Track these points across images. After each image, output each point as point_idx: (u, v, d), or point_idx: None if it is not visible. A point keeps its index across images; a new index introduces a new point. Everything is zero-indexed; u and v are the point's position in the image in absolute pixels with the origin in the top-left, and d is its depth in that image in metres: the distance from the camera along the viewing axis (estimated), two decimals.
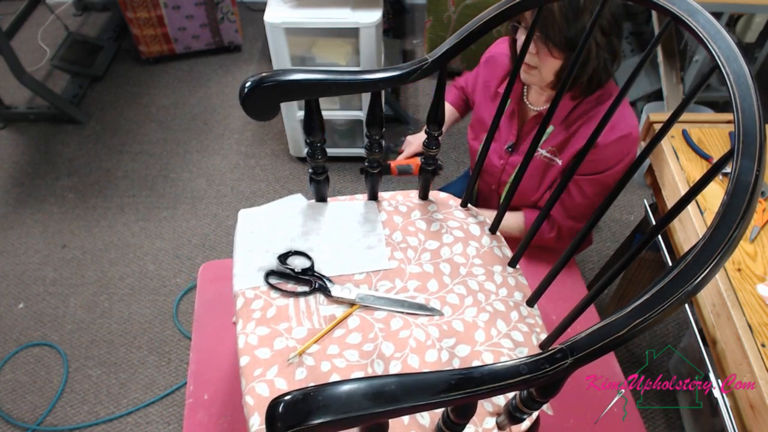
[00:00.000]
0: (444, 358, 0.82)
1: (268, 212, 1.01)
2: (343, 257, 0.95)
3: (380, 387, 0.47)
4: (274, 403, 0.45)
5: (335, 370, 0.81)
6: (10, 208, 2.22)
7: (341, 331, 0.86)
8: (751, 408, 0.84)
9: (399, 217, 1.01)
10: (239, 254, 0.94)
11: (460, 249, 0.97)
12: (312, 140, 0.93)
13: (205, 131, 2.51)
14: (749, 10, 1.86)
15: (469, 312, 0.88)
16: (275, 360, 0.81)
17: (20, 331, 1.86)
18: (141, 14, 2.60)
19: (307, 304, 0.89)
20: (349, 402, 0.45)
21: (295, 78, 0.81)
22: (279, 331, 0.85)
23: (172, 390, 1.71)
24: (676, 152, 1.14)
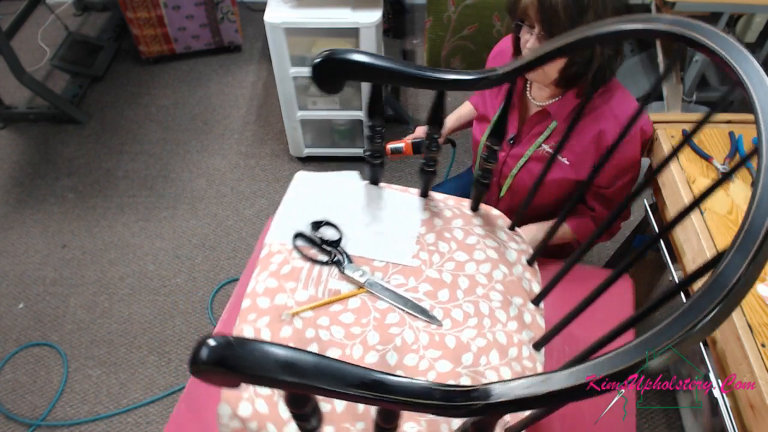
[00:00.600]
0: (422, 366, 0.82)
1: (321, 180, 1.05)
2: (370, 241, 0.96)
3: (296, 359, 0.49)
4: (202, 341, 0.49)
5: (316, 340, 0.83)
6: (10, 208, 2.22)
7: (339, 307, 0.88)
8: (751, 408, 0.83)
9: (440, 220, 1.00)
10: (281, 211, 1.00)
11: (486, 269, 0.94)
12: (372, 124, 0.95)
13: (205, 131, 2.51)
14: (749, 10, 1.86)
15: (468, 333, 0.85)
16: (270, 312, 0.86)
17: (20, 331, 1.86)
18: (141, 14, 2.60)
19: (320, 273, 0.92)
20: (261, 363, 0.48)
21: (363, 60, 0.82)
22: (284, 288, 0.89)
23: (173, 390, 1.71)
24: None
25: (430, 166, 1.00)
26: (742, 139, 1.15)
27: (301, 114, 2.16)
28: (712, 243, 0.99)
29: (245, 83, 2.73)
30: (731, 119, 1.22)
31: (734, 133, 1.17)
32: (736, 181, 1.09)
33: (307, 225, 0.97)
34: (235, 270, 2.00)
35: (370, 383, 0.50)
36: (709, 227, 1.01)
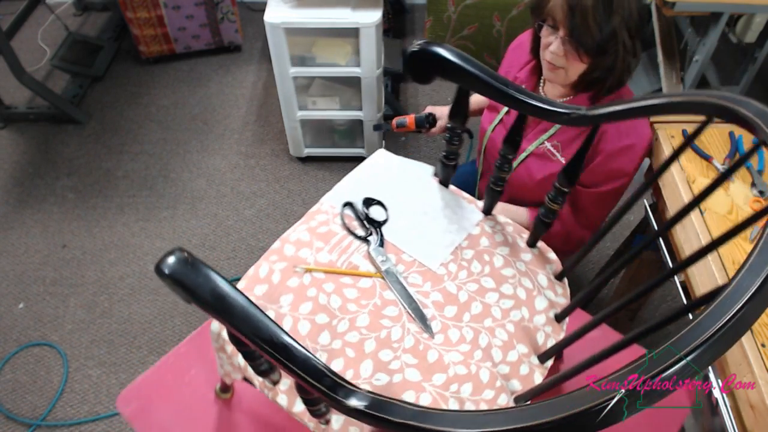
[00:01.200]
0: (393, 366, 0.82)
1: (395, 163, 1.07)
2: (410, 235, 0.97)
3: (228, 296, 0.57)
4: (169, 252, 0.57)
5: (313, 301, 0.88)
6: (10, 208, 2.22)
7: (350, 281, 0.91)
8: (751, 408, 0.84)
9: (487, 241, 0.97)
10: (348, 178, 1.05)
11: (506, 305, 0.89)
12: (452, 126, 0.95)
13: (205, 131, 2.51)
14: (749, 10, 1.86)
15: (453, 356, 0.83)
16: (289, 260, 0.92)
17: (20, 331, 1.86)
18: (141, 14, 2.60)
19: (349, 244, 0.95)
20: (200, 286, 0.57)
21: (454, 60, 0.83)
22: (312, 245, 0.95)
23: None
24: None
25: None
26: (742, 139, 1.15)
27: (301, 114, 2.16)
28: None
29: (245, 83, 2.73)
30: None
31: (734, 133, 1.17)
32: (736, 181, 1.09)
33: (360, 198, 1.00)
34: (235, 270, 2.00)
35: (277, 344, 0.56)
36: (709, 227, 1.01)
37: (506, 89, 0.81)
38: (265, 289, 0.90)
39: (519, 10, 2.32)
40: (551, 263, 0.97)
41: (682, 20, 2.48)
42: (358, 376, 0.82)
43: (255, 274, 0.92)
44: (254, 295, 0.90)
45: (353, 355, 0.84)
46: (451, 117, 0.94)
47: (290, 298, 0.89)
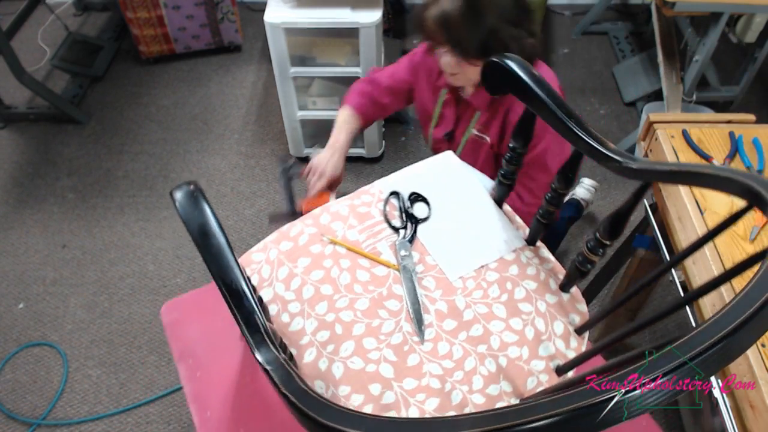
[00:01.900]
0: (373, 356, 0.84)
1: (458, 169, 1.06)
2: (442, 239, 0.96)
3: (210, 233, 0.64)
4: (190, 183, 0.66)
5: (326, 271, 0.92)
6: (10, 208, 2.22)
7: (366, 265, 0.93)
8: (751, 408, 0.84)
9: (517, 270, 0.93)
10: (407, 169, 1.06)
11: (509, 339, 0.86)
12: (514, 146, 0.92)
13: (205, 131, 2.51)
14: (749, 10, 1.86)
15: (432, 367, 0.83)
16: (321, 228, 0.97)
17: (20, 331, 1.86)
18: (141, 14, 2.60)
19: (381, 231, 0.97)
20: (191, 217, 0.64)
21: (525, 80, 0.80)
22: (346, 221, 0.99)
23: (172, 390, 1.71)
24: (676, 152, 1.14)
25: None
26: (742, 139, 1.15)
27: (301, 114, 2.16)
28: (713, 243, 0.99)
29: (245, 83, 2.73)
30: (731, 119, 1.22)
31: (734, 133, 1.17)
32: None
33: (407, 192, 1.01)
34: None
35: (233, 289, 0.63)
36: (709, 227, 1.01)
37: (568, 121, 0.78)
38: (290, 247, 0.96)
39: None
40: (578, 314, 0.90)
41: (682, 20, 2.48)
42: (337, 353, 0.85)
43: (287, 231, 0.98)
44: (278, 249, 0.96)
45: (340, 332, 0.87)
46: (514, 136, 0.91)
47: (306, 262, 0.94)
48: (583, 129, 0.77)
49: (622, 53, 2.76)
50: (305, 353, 0.87)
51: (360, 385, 0.83)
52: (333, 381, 0.84)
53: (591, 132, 0.77)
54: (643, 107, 2.34)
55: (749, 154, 1.12)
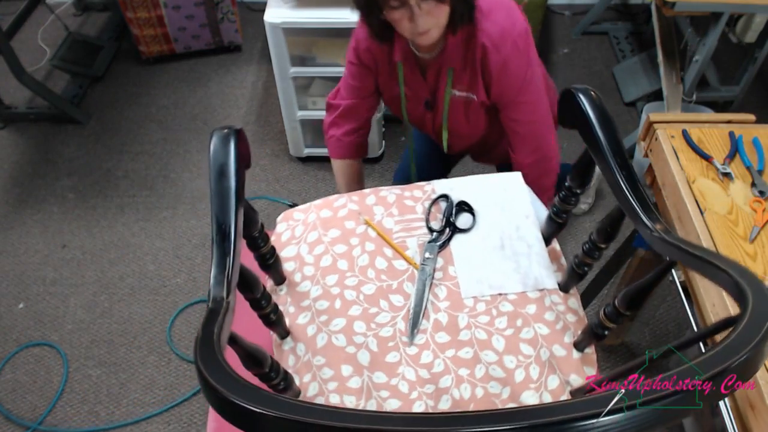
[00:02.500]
0: (358, 340, 0.87)
1: (519, 193, 1.04)
2: (471, 255, 0.95)
3: (223, 191, 0.70)
4: (229, 127, 0.72)
5: (349, 248, 0.96)
6: (10, 208, 2.22)
7: (389, 255, 0.95)
8: (751, 408, 0.83)
9: (535, 310, 0.90)
10: (470, 178, 1.06)
11: (495, 374, 0.83)
12: (570, 185, 0.89)
13: (205, 131, 2.51)
14: (749, 10, 1.86)
15: (408, 372, 0.84)
16: (362, 207, 1.02)
17: (20, 331, 1.86)
18: (141, 14, 2.60)
19: (416, 228, 0.98)
20: (218, 163, 0.71)
21: (592, 122, 0.76)
22: (388, 209, 1.01)
23: (173, 390, 1.71)
24: (676, 152, 1.14)
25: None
26: (742, 139, 1.15)
27: (301, 114, 2.16)
28: (713, 243, 0.99)
29: (245, 83, 2.73)
30: (731, 119, 1.22)
31: (734, 133, 1.17)
32: (736, 181, 1.09)
33: (459, 199, 1.00)
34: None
35: (224, 232, 0.68)
36: (709, 227, 1.01)
37: (618, 173, 0.73)
38: (328, 215, 1.01)
39: None
40: (580, 376, 0.85)
41: (682, 20, 2.48)
42: (327, 325, 0.89)
43: (332, 200, 1.03)
44: (317, 215, 1.01)
45: (338, 306, 0.90)
46: (571, 178, 0.87)
47: (336, 234, 0.98)
48: (632, 185, 0.73)
49: (622, 53, 2.76)
50: (301, 315, 0.91)
51: (334, 361, 0.85)
52: (313, 349, 0.88)
53: (638, 190, 0.73)
54: (643, 107, 2.34)
55: (749, 154, 1.12)
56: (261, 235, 0.86)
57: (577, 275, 0.89)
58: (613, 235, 0.83)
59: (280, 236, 1.02)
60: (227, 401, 0.47)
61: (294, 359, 0.88)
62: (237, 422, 0.47)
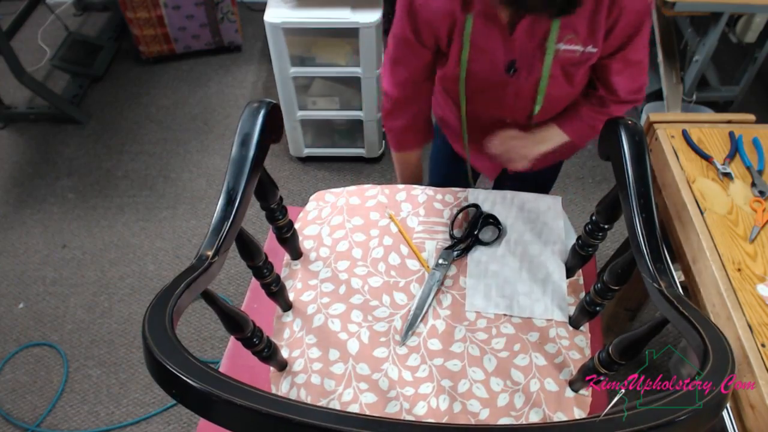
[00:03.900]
0: (351, 329, 0.89)
1: (553, 218, 1.02)
2: (486, 270, 0.92)
3: (245, 148, 0.76)
4: (263, 100, 0.77)
5: (367, 238, 0.98)
6: (10, 208, 2.22)
7: (404, 253, 0.96)
8: (751, 408, 0.83)
9: (537, 339, 0.87)
10: (510, 192, 1.06)
11: (477, 393, 0.82)
12: (597, 220, 0.84)
13: (205, 131, 2.51)
14: (749, 10, 1.86)
15: (392, 371, 0.85)
16: (392, 202, 1.03)
17: (20, 331, 1.85)
18: (141, 14, 2.60)
19: (438, 231, 0.98)
20: (244, 131, 0.78)
21: (625, 159, 0.73)
22: (416, 208, 1.02)
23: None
24: (676, 152, 1.14)
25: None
26: (742, 139, 1.15)
27: (301, 114, 2.16)
28: (712, 243, 0.99)
29: (245, 83, 2.73)
30: (731, 119, 1.22)
31: (734, 133, 1.17)
32: (736, 181, 1.09)
33: (488, 211, 0.99)
34: (236, 269, 2.00)
35: (231, 197, 0.71)
36: (709, 227, 1.01)
37: (637, 216, 0.70)
38: (356, 203, 1.03)
39: None
40: (567, 416, 0.81)
41: (682, 20, 2.48)
42: (327, 307, 0.91)
43: (365, 189, 1.05)
44: (347, 200, 1.04)
45: (342, 292, 0.92)
46: (599, 211, 0.83)
47: (359, 222, 1.00)
48: (648, 231, 0.69)
49: None
50: (306, 292, 0.93)
51: (324, 344, 0.87)
52: (308, 327, 0.90)
53: (654, 238, 0.69)
54: (643, 107, 2.34)
55: (749, 154, 1.12)
56: (279, 207, 0.88)
57: (588, 313, 0.85)
58: (625, 278, 0.78)
59: (308, 214, 1.05)
60: (155, 360, 0.48)
61: (289, 333, 0.90)
62: (159, 379, 0.48)
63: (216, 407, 0.46)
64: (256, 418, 0.44)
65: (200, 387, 0.45)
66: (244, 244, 0.78)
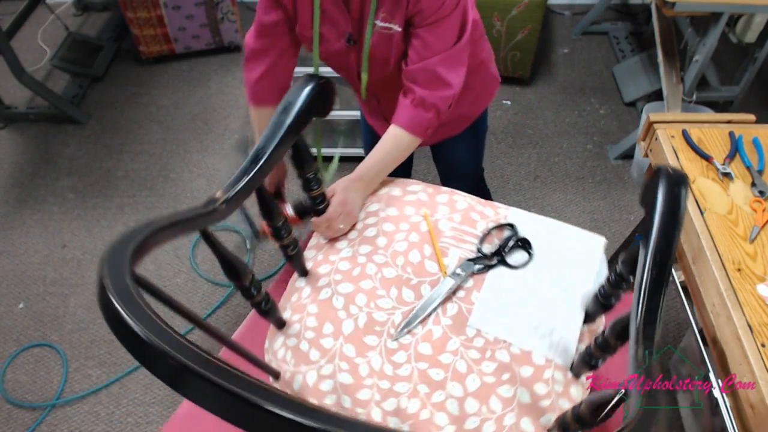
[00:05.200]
0: (352, 311, 0.90)
1: (590, 258, 0.95)
2: (502, 292, 0.90)
3: (284, 121, 0.83)
4: (321, 79, 0.86)
5: (395, 230, 0.98)
6: (10, 208, 2.22)
7: (427, 252, 0.95)
8: (751, 408, 0.83)
9: (530, 375, 0.82)
10: (553, 220, 1.03)
11: (450, 408, 0.80)
12: (621, 271, 0.80)
13: (205, 131, 2.51)
14: (749, 10, 1.86)
15: (375, 361, 0.85)
16: (432, 202, 1.02)
17: (20, 331, 1.85)
18: (141, 14, 2.60)
19: (467, 242, 0.97)
20: (287, 101, 0.86)
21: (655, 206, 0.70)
22: (451, 212, 1.01)
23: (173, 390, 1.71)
24: (676, 152, 1.14)
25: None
26: (742, 139, 1.15)
27: None
28: (712, 243, 0.99)
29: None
30: (731, 119, 1.22)
31: (734, 133, 1.17)
32: (736, 181, 1.09)
33: (527, 237, 0.95)
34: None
35: (259, 156, 0.79)
36: (709, 227, 1.01)
37: (647, 269, 0.66)
38: (397, 195, 1.04)
39: (519, 10, 2.32)
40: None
41: (682, 20, 2.48)
42: (337, 284, 0.93)
43: (409, 182, 1.06)
44: (388, 191, 1.05)
45: (355, 274, 0.93)
46: (624, 260, 0.79)
47: (393, 213, 1.00)
48: (651, 291, 0.64)
49: (622, 53, 2.76)
50: (324, 265, 0.97)
51: (323, 318, 0.90)
52: (314, 297, 0.93)
53: (653, 300, 0.64)
54: (643, 107, 2.34)
55: (749, 154, 1.12)
56: (315, 178, 0.95)
57: (588, 365, 0.81)
58: (627, 335, 0.72)
59: None
60: (103, 289, 0.48)
61: (297, 297, 0.94)
62: (106, 315, 0.47)
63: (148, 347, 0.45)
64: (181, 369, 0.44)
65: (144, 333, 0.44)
66: (264, 202, 0.86)
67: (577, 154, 2.33)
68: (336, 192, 1.02)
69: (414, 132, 1.07)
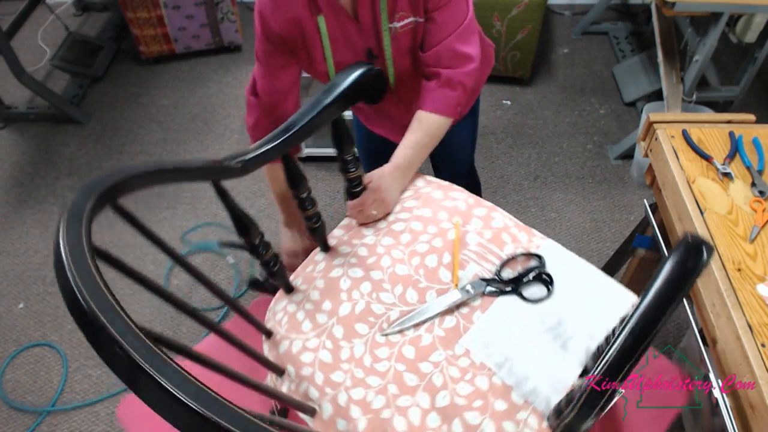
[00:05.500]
0: (354, 296, 0.92)
1: (614, 310, 0.90)
2: (506, 321, 0.87)
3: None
4: (368, 65, 0.90)
5: (422, 231, 0.98)
6: (10, 208, 2.22)
7: (446, 260, 0.95)
8: (751, 408, 0.84)
9: (502, 409, 0.80)
10: (587, 264, 0.98)
11: (412, 417, 0.79)
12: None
13: (205, 131, 2.51)
14: (749, 10, 1.86)
15: (358, 348, 0.86)
16: (468, 211, 1.01)
17: (20, 331, 1.86)
18: (141, 14, 2.60)
19: (489, 261, 0.95)
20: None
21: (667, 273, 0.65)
22: (482, 228, 1.00)
23: None
24: (676, 152, 1.14)
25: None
26: (742, 139, 1.15)
27: None
28: (713, 243, 0.99)
29: (245, 83, 2.71)
30: (731, 119, 1.22)
31: (734, 133, 1.17)
32: (736, 181, 1.09)
33: (550, 270, 0.91)
34: (236, 270, 2.00)
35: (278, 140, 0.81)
36: (709, 227, 1.01)
37: (615, 338, 0.64)
38: (437, 197, 1.03)
39: (519, 10, 2.32)
40: None
41: (682, 20, 2.48)
42: (350, 267, 0.96)
43: (454, 189, 1.06)
44: (430, 192, 1.05)
45: (369, 262, 0.96)
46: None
47: (425, 213, 1.00)
48: (618, 362, 0.62)
49: (622, 53, 2.76)
50: (343, 246, 1.00)
51: (325, 295, 0.93)
52: (326, 274, 0.97)
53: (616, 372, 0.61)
54: (643, 107, 2.34)
55: (749, 154, 1.12)
56: (353, 160, 0.98)
57: (558, 419, 0.74)
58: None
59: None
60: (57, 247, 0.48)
61: (311, 269, 0.99)
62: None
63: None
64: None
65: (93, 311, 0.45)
66: (290, 172, 0.90)
67: (577, 154, 2.34)
68: (373, 178, 1.03)
69: (446, 113, 1.08)
